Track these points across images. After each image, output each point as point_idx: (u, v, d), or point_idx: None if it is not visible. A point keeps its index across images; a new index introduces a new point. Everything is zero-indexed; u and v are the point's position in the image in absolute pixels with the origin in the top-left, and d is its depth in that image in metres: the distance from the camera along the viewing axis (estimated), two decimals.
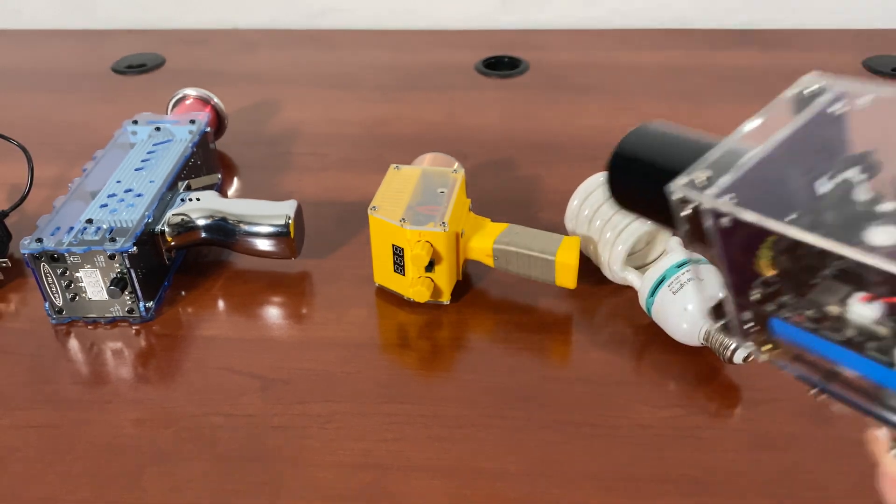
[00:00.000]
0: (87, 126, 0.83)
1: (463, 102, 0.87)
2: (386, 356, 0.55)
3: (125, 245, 0.54)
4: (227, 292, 0.60)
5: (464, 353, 0.55)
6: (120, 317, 0.57)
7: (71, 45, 1.04)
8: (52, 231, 0.55)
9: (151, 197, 0.59)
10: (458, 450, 0.48)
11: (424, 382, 0.52)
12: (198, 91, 0.76)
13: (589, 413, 0.50)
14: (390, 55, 0.98)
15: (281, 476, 0.46)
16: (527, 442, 0.48)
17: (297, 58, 0.99)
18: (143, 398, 0.52)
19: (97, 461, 0.48)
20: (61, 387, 0.53)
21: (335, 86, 0.91)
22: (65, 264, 0.54)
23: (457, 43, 1.00)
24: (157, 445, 0.48)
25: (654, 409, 0.50)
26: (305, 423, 0.49)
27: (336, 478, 0.46)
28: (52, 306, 0.57)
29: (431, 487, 0.45)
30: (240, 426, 0.49)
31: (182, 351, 0.55)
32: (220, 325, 0.58)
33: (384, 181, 0.59)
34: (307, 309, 0.59)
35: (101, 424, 0.50)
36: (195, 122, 0.68)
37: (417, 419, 0.49)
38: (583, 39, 1.01)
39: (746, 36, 1.00)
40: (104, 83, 0.94)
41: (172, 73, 0.96)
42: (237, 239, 0.59)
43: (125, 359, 0.55)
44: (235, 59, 0.98)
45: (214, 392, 0.52)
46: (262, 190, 0.73)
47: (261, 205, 0.60)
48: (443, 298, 0.57)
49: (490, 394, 0.51)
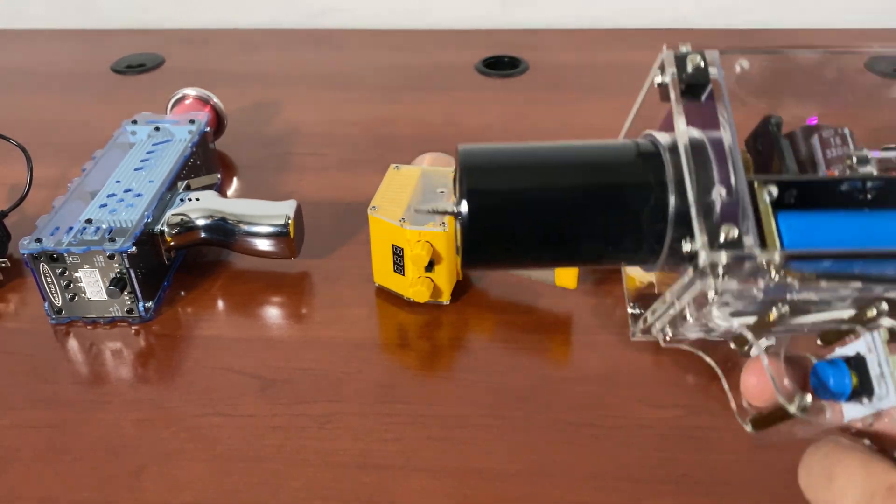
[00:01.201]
0: (86, 126, 0.83)
1: (463, 102, 0.87)
2: (386, 356, 0.55)
3: (124, 245, 0.54)
4: (226, 292, 0.60)
5: (464, 354, 0.55)
6: (119, 317, 0.57)
7: (70, 45, 1.04)
8: (52, 231, 0.55)
9: (151, 197, 0.59)
10: (457, 450, 0.47)
11: (424, 382, 0.52)
12: (197, 91, 0.76)
13: (589, 413, 0.49)
14: (390, 55, 0.98)
15: (280, 477, 0.46)
16: (527, 442, 0.48)
17: (296, 58, 0.99)
18: (143, 398, 0.52)
19: (97, 461, 0.47)
20: (61, 387, 0.53)
21: (335, 86, 0.91)
22: (64, 264, 0.54)
23: (457, 43, 1.00)
24: (157, 445, 0.48)
25: (656, 409, 0.50)
26: (305, 424, 0.49)
27: (335, 478, 0.46)
28: (51, 306, 0.56)
29: (431, 488, 0.45)
30: (239, 426, 0.49)
31: (182, 351, 0.55)
32: (219, 325, 0.58)
33: (384, 181, 0.59)
34: (307, 309, 0.59)
35: (100, 424, 0.50)
36: (195, 122, 0.68)
37: (417, 419, 0.49)
38: (583, 39, 1.01)
39: (747, 36, 1.00)
40: (103, 83, 0.94)
41: (172, 73, 0.96)
42: (237, 239, 0.59)
43: (125, 359, 0.55)
44: (235, 59, 0.98)
45: (214, 392, 0.52)
46: (261, 190, 0.72)
47: (260, 205, 0.60)
48: (443, 298, 0.57)
49: (490, 394, 0.51)
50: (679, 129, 0.26)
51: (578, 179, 0.27)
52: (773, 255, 0.24)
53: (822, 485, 0.25)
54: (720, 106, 0.26)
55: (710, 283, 0.24)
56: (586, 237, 0.27)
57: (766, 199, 0.25)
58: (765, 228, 0.25)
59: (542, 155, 0.27)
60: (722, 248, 0.23)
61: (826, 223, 0.25)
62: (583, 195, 0.26)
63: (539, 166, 0.27)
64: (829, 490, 0.25)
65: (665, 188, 0.26)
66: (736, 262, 0.23)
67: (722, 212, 0.24)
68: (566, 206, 0.26)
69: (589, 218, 0.26)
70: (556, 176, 0.27)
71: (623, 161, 0.27)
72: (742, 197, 0.24)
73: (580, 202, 0.26)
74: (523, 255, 0.27)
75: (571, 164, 0.27)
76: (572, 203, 0.26)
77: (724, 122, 0.26)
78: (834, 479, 0.25)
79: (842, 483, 0.25)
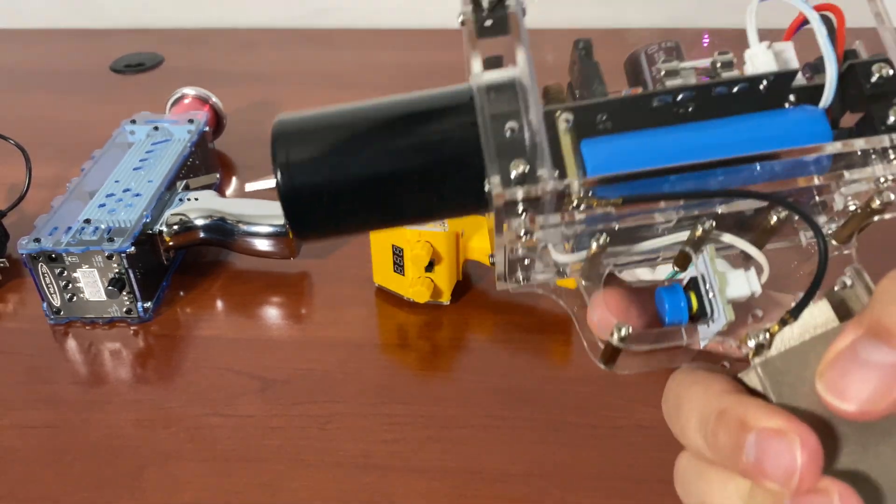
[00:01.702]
0: (85, 125, 0.83)
1: None
2: (385, 357, 0.55)
3: (123, 245, 0.54)
4: (225, 292, 0.60)
5: (464, 354, 0.54)
6: (118, 317, 0.57)
7: (69, 45, 1.04)
8: (50, 231, 0.55)
9: (150, 197, 0.59)
10: (457, 451, 0.47)
11: (424, 383, 0.52)
12: (196, 90, 0.76)
13: (590, 414, 0.49)
14: (389, 54, 0.98)
15: (280, 477, 0.46)
16: (527, 443, 0.48)
17: (296, 57, 0.98)
18: (142, 399, 0.52)
19: (96, 462, 0.47)
20: (59, 387, 0.53)
21: (335, 85, 0.91)
22: (63, 264, 0.54)
23: (457, 42, 1.00)
24: (156, 446, 0.48)
25: (656, 409, 0.49)
26: (304, 424, 0.49)
27: (335, 479, 0.46)
28: (49, 306, 0.56)
29: (431, 489, 0.45)
30: (239, 427, 0.49)
31: (181, 351, 0.55)
32: (218, 326, 0.57)
33: None
34: (306, 309, 0.59)
35: (99, 425, 0.50)
36: (194, 122, 0.68)
37: (417, 420, 0.49)
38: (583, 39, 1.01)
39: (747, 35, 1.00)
40: (102, 82, 0.94)
41: (171, 73, 0.96)
42: (236, 239, 0.59)
43: (124, 359, 0.55)
44: (234, 59, 0.98)
45: (213, 392, 0.52)
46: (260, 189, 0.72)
47: (260, 204, 0.60)
48: (443, 299, 0.57)
49: (490, 394, 0.51)
50: (474, 71, 0.25)
51: (388, 130, 0.25)
52: (571, 183, 0.22)
53: (673, 414, 0.25)
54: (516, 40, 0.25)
55: (516, 223, 0.23)
56: (406, 191, 0.25)
57: (563, 128, 0.24)
58: (565, 159, 0.24)
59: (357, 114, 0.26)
60: (515, 183, 0.22)
61: (633, 143, 0.24)
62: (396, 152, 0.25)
63: (352, 123, 0.26)
64: (678, 418, 0.25)
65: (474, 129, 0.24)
66: (532, 196, 0.22)
67: (513, 147, 0.23)
68: (379, 164, 0.25)
69: (403, 169, 0.25)
70: (368, 130, 0.25)
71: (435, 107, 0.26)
72: (533, 129, 0.23)
73: (394, 159, 0.25)
74: (350, 219, 0.26)
75: (384, 117, 0.26)
76: (384, 155, 0.25)
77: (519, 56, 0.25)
78: (681, 406, 0.24)
79: (686, 408, 0.24)
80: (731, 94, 0.24)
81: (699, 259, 0.25)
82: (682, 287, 0.26)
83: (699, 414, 0.24)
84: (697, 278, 0.25)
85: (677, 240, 0.25)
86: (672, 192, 0.24)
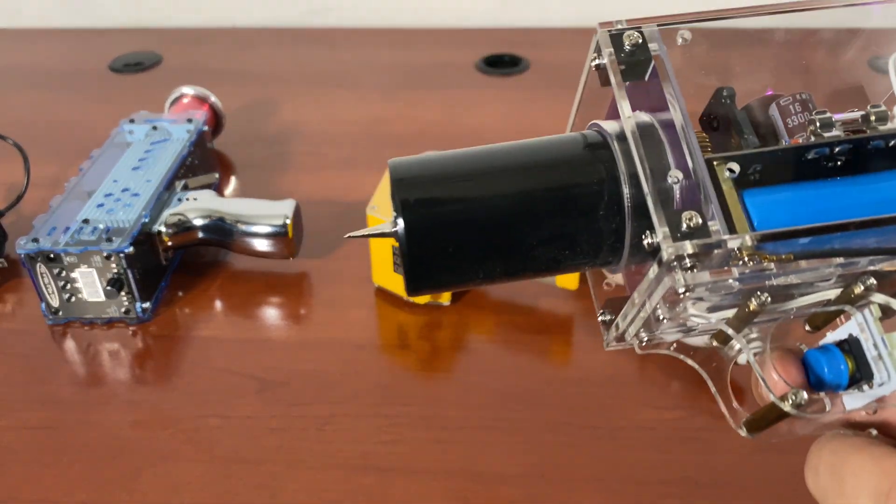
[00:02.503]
0: (83, 125, 0.83)
1: (463, 101, 0.86)
2: (385, 357, 0.54)
3: (122, 245, 0.53)
4: (224, 293, 0.60)
5: (464, 355, 0.54)
6: (117, 317, 0.57)
7: (67, 44, 1.04)
8: (49, 231, 0.55)
9: (148, 197, 0.58)
10: (458, 452, 0.47)
11: (424, 384, 0.52)
12: (195, 90, 0.75)
13: (591, 415, 0.49)
14: (390, 53, 0.98)
15: (279, 478, 0.46)
16: (528, 444, 0.47)
17: (295, 56, 0.98)
18: (141, 399, 0.51)
19: (94, 463, 0.47)
20: (58, 388, 0.52)
21: (334, 84, 0.91)
22: (61, 264, 0.54)
23: (457, 41, 1.00)
24: (155, 447, 0.48)
25: (658, 410, 0.49)
26: (304, 425, 0.49)
27: (335, 480, 0.46)
28: (48, 307, 0.56)
29: (431, 490, 0.45)
30: (238, 428, 0.49)
31: (179, 352, 0.55)
32: (217, 326, 0.57)
33: (384, 180, 0.58)
34: (306, 310, 0.59)
35: (98, 426, 0.49)
36: (192, 121, 0.68)
37: (417, 421, 0.49)
38: (584, 38, 1.00)
39: (748, 35, 1.00)
40: (101, 82, 0.94)
41: (170, 72, 0.95)
42: (235, 239, 0.59)
43: (122, 360, 0.55)
44: (233, 58, 0.98)
45: (212, 393, 0.51)
46: (260, 189, 0.72)
47: (259, 204, 0.59)
48: (442, 299, 0.57)
49: (490, 395, 0.51)
50: (624, 114, 0.24)
51: (521, 182, 0.24)
52: (744, 239, 0.21)
53: (832, 487, 0.24)
54: (666, 83, 0.24)
55: (679, 278, 0.22)
56: (538, 244, 0.24)
57: (727, 178, 0.23)
58: (731, 210, 0.23)
59: (481, 159, 0.25)
60: (685, 237, 0.21)
61: (796, 197, 0.23)
62: (528, 199, 0.24)
63: (478, 173, 0.25)
64: (842, 493, 0.23)
65: (617, 181, 0.24)
66: (703, 251, 0.21)
67: (682, 198, 0.22)
68: (511, 213, 0.24)
69: (538, 223, 0.24)
70: (498, 181, 0.24)
71: (568, 157, 0.25)
72: (701, 179, 0.22)
73: (526, 207, 0.24)
74: (473, 272, 0.25)
75: (513, 167, 0.25)
76: (518, 209, 0.24)
77: (671, 100, 0.23)
78: (844, 479, 0.23)
79: (853, 483, 0.23)
80: (886, 149, 0.24)
81: (859, 317, 0.24)
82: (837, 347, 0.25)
83: (874, 486, 0.22)
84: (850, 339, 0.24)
85: (827, 297, 0.24)
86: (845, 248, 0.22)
